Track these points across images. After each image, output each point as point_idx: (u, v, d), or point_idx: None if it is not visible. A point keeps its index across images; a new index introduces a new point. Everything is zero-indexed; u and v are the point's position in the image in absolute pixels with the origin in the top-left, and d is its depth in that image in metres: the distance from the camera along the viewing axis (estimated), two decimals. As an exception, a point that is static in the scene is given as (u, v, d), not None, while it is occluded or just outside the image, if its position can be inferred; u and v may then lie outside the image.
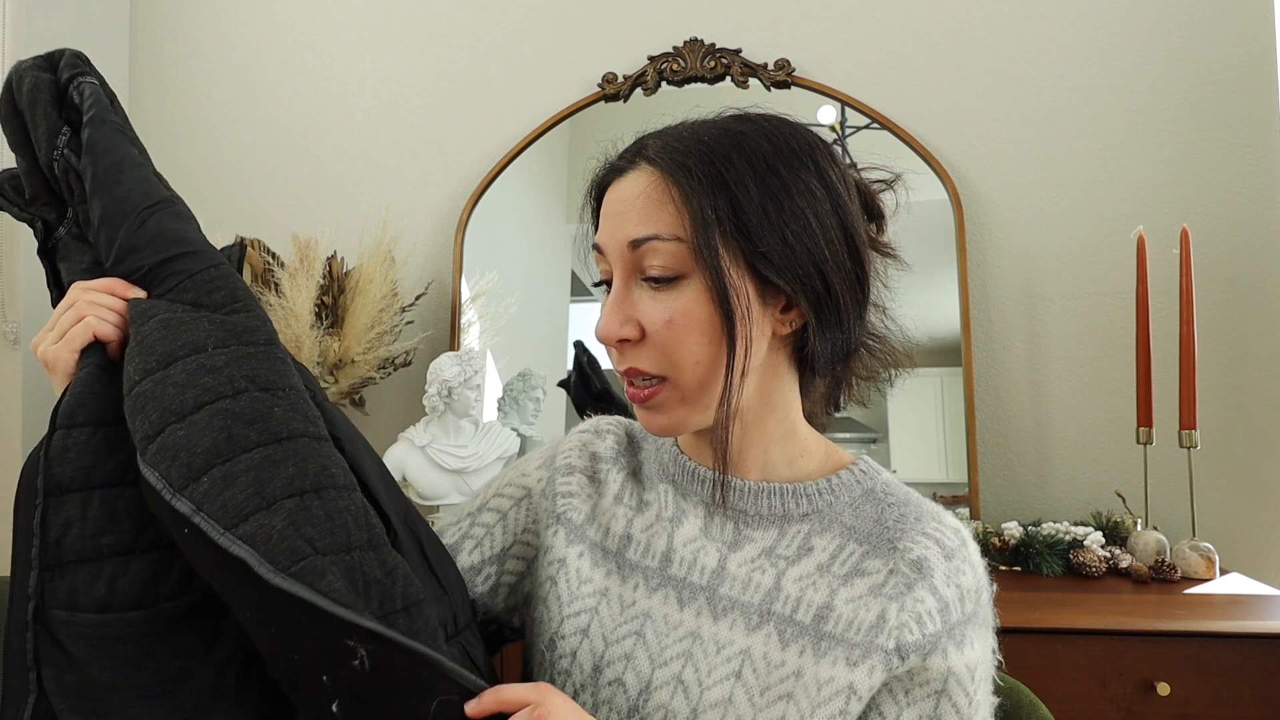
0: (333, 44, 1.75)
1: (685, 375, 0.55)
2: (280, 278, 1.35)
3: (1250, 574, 1.27)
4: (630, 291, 0.56)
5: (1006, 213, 1.48)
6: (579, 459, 0.68)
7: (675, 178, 0.53)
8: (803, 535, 0.58)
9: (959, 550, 0.56)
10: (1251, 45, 1.40)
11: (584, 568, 0.63)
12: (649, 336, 0.55)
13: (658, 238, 0.53)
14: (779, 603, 0.56)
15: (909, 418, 1.47)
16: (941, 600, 0.54)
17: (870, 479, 0.61)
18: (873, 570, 0.56)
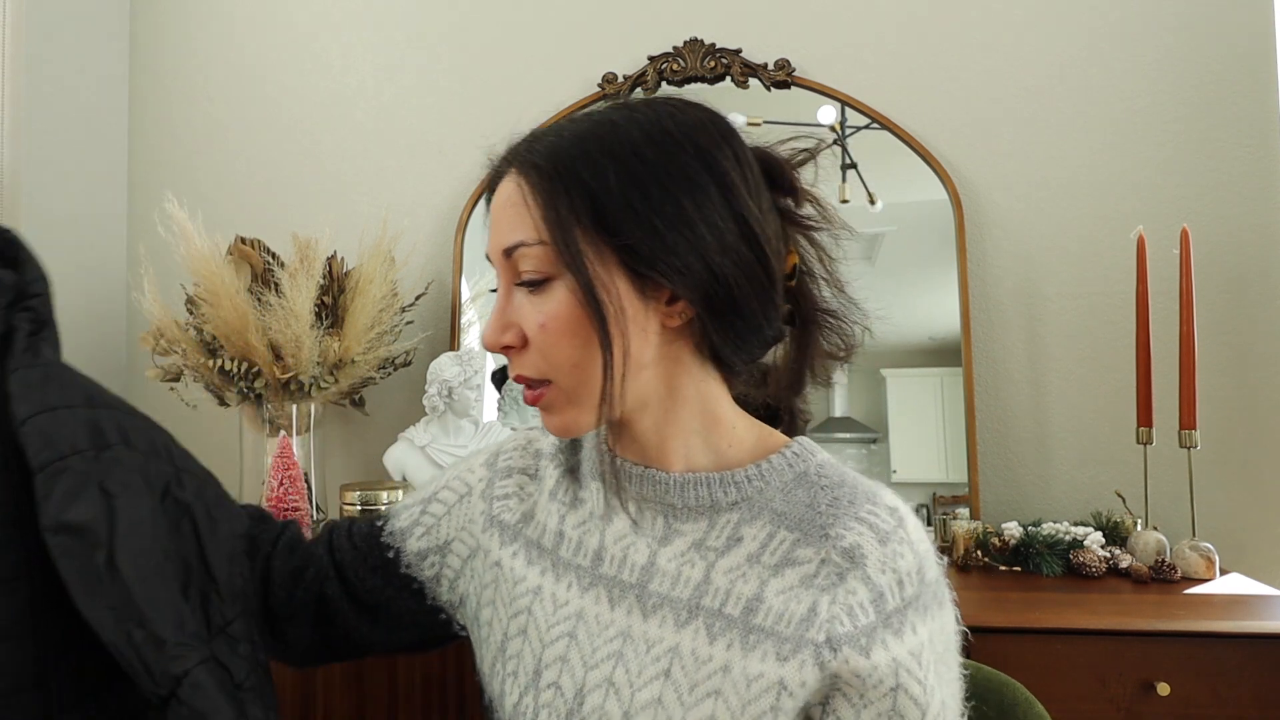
0: (333, 44, 1.75)
1: (566, 377, 0.54)
2: (280, 278, 1.35)
3: (1250, 574, 1.27)
4: (511, 299, 0.56)
5: (1006, 213, 1.48)
6: (520, 458, 0.68)
7: (529, 179, 0.53)
8: (732, 525, 0.56)
9: (894, 533, 0.54)
10: (1251, 45, 1.40)
11: (518, 567, 0.62)
12: (529, 342, 0.55)
13: (523, 244, 0.53)
14: (708, 596, 0.55)
15: (909, 418, 1.47)
16: (875, 590, 0.52)
17: (804, 461, 0.58)
18: (804, 560, 0.54)
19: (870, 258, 1.50)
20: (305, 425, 1.45)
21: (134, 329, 1.78)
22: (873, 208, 1.49)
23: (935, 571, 0.55)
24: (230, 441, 1.72)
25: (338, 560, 0.69)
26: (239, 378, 1.36)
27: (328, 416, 1.67)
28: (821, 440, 1.49)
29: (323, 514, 1.48)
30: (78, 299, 1.67)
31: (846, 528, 0.54)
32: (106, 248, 1.75)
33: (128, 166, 1.81)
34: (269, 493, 1.30)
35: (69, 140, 1.66)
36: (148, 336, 1.42)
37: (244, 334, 1.34)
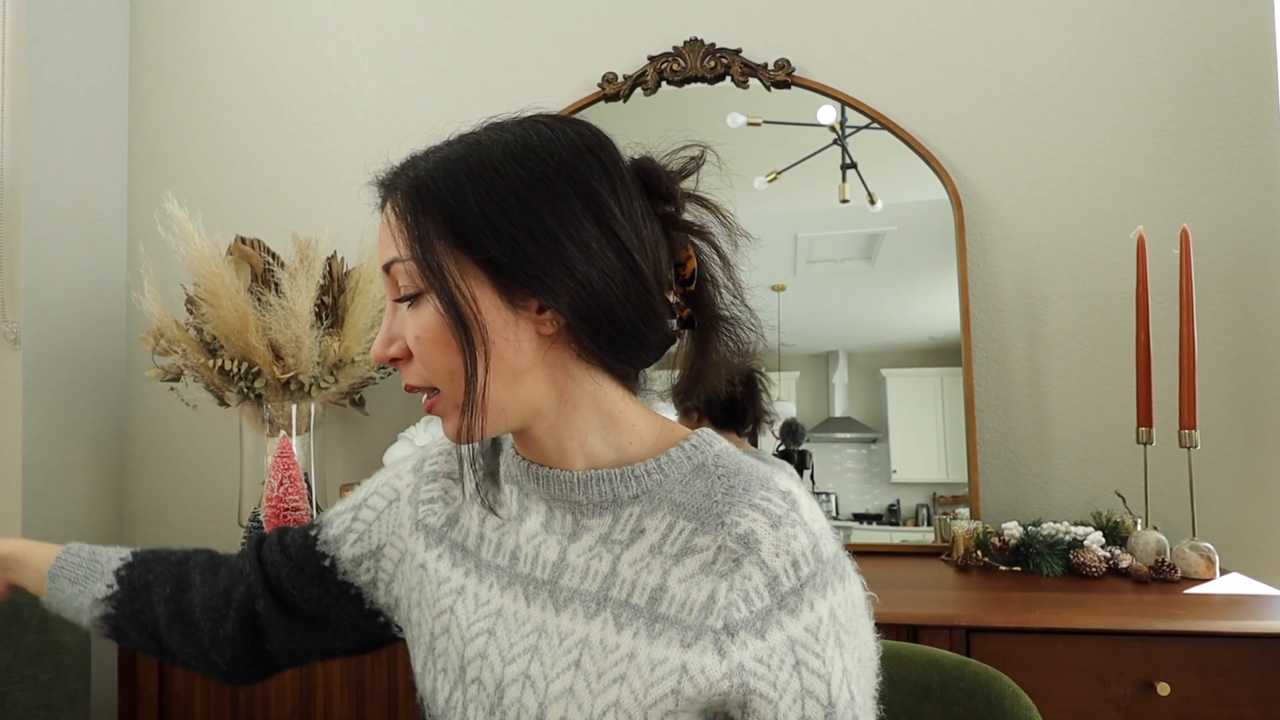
0: (333, 44, 1.75)
1: (447, 385, 0.57)
2: (280, 278, 1.35)
3: (1250, 574, 1.27)
4: (396, 313, 0.58)
5: (1006, 213, 1.48)
6: (445, 463, 0.69)
7: (396, 200, 0.57)
8: (634, 518, 0.59)
9: (787, 515, 0.56)
10: (1251, 45, 1.40)
11: (443, 569, 0.65)
12: (412, 353, 0.57)
13: (396, 260, 0.56)
14: (615, 588, 0.57)
15: (909, 418, 1.47)
16: (770, 573, 0.54)
17: (701, 453, 0.60)
18: (702, 547, 0.56)
19: (870, 258, 1.51)
20: (305, 425, 1.45)
21: (134, 329, 1.78)
22: (873, 208, 1.49)
23: (833, 548, 0.57)
24: (230, 441, 1.72)
25: (269, 574, 0.71)
26: (239, 378, 1.36)
27: (328, 416, 1.67)
28: (821, 440, 1.49)
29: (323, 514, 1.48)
30: (78, 299, 1.67)
31: (741, 514, 0.56)
32: (106, 248, 1.75)
33: (128, 166, 1.81)
34: (269, 493, 1.30)
35: (69, 140, 1.66)
36: (148, 336, 1.42)
37: (244, 334, 1.34)
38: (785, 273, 1.51)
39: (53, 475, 1.60)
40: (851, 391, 1.50)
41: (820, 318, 1.50)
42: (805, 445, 1.48)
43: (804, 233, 1.52)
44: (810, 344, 1.50)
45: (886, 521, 1.47)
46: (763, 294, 1.51)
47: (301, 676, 1.16)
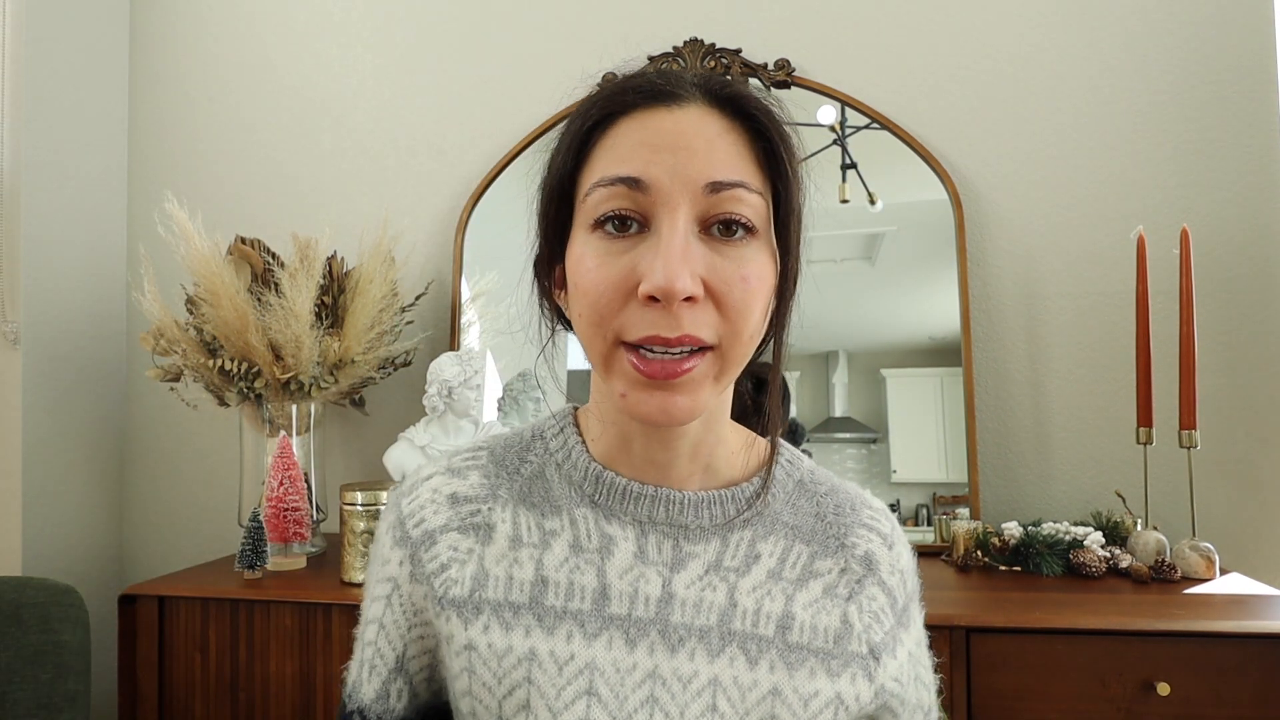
0: (333, 44, 1.75)
1: (738, 345, 0.48)
2: (280, 278, 1.35)
3: (1250, 574, 1.27)
4: (690, 244, 0.46)
5: (1006, 213, 1.48)
6: (437, 515, 0.56)
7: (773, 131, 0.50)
8: (747, 542, 0.55)
9: (893, 534, 0.58)
10: (1251, 45, 1.40)
11: (496, 640, 0.53)
12: (714, 296, 0.47)
13: (744, 186, 0.47)
14: (737, 619, 0.52)
15: (909, 418, 1.47)
16: (889, 592, 0.55)
17: (796, 469, 0.59)
18: (824, 570, 0.55)
19: (870, 258, 1.50)
20: (305, 425, 1.45)
21: (134, 329, 1.78)
22: (873, 208, 1.49)
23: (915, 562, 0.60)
24: (230, 441, 1.72)
25: None
26: (239, 378, 1.36)
27: (328, 416, 1.67)
28: (821, 440, 1.49)
29: (323, 514, 1.48)
30: (78, 299, 1.67)
31: (859, 535, 0.56)
32: (106, 248, 1.75)
33: (128, 166, 1.81)
34: (269, 493, 1.30)
35: (69, 140, 1.66)
36: (148, 336, 1.42)
37: (244, 334, 1.34)
38: (785, 273, 1.51)
39: (53, 475, 1.60)
40: (851, 392, 1.50)
41: (820, 318, 1.50)
42: (805, 445, 1.48)
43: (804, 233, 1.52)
44: (810, 344, 1.50)
45: (886, 521, 1.46)
46: (763, 294, 1.50)
47: (301, 677, 1.16)
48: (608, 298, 0.47)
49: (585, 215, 0.49)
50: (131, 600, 1.21)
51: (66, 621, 1.13)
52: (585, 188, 0.50)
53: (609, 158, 0.49)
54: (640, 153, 0.47)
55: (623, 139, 0.49)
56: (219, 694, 1.18)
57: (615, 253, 0.47)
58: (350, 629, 1.14)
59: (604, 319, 0.47)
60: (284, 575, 1.26)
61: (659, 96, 0.49)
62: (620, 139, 0.49)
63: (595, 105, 0.52)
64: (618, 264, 0.47)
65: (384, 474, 1.52)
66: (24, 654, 1.10)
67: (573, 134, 0.53)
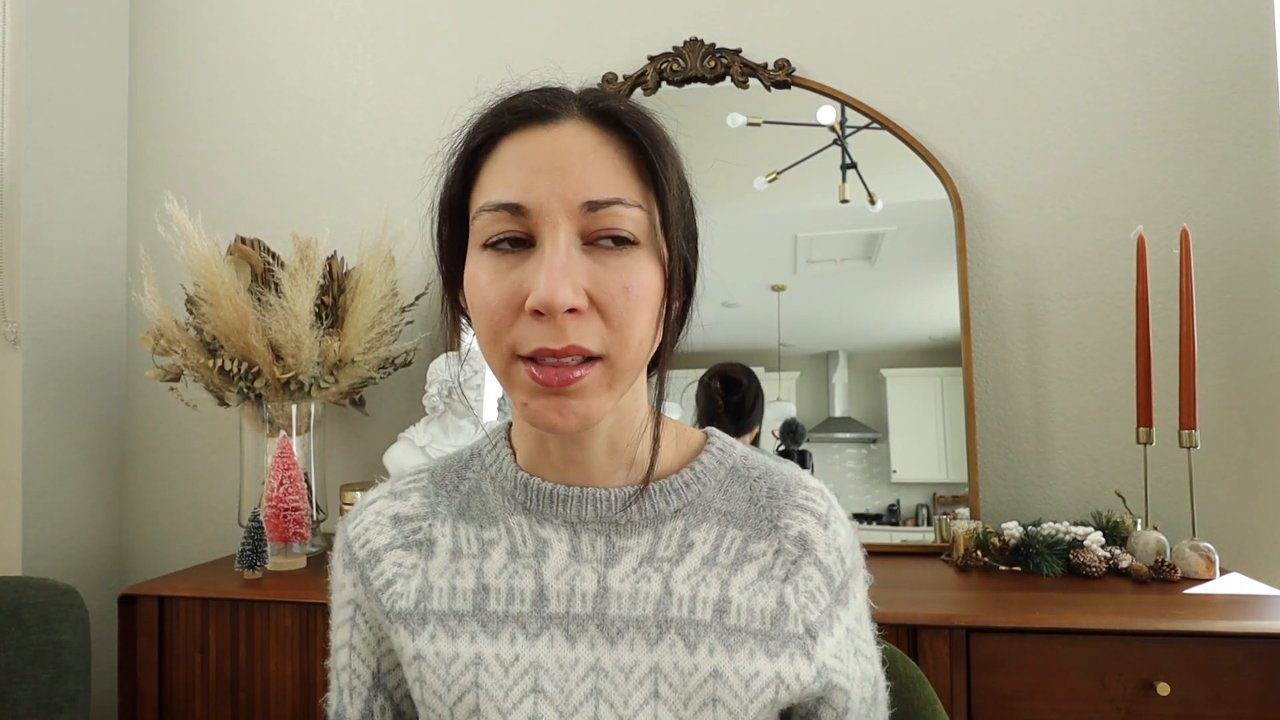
0: (333, 44, 1.75)
1: (627, 354, 0.49)
2: (280, 278, 1.35)
3: (1250, 574, 1.27)
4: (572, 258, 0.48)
5: (1006, 213, 1.48)
6: (381, 535, 0.59)
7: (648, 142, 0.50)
8: (679, 532, 0.56)
9: (830, 513, 0.58)
10: (1251, 45, 1.40)
11: (443, 649, 0.55)
12: (600, 307, 0.48)
13: (620, 202, 0.49)
14: (674, 607, 0.53)
15: (909, 418, 1.47)
16: (826, 571, 0.56)
17: (729, 455, 0.59)
18: (758, 553, 0.56)
19: (870, 258, 1.50)
20: (305, 425, 1.45)
21: (134, 329, 1.78)
22: (873, 208, 1.49)
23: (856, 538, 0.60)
24: (230, 441, 1.72)
25: None
26: (239, 378, 1.36)
27: (328, 416, 1.67)
28: (822, 440, 1.49)
29: (323, 514, 1.48)
30: (78, 299, 1.67)
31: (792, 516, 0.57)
32: (106, 248, 1.75)
33: (128, 166, 1.82)
34: (269, 493, 1.30)
35: (69, 140, 1.66)
36: (148, 336, 1.42)
37: (244, 334, 1.34)
38: (785, 273, 1.51)
39: (53, 475, 1.61)
40: (851, 391, 1.50)
41: (820, 318, 1.50)
42: (805, 445, 1.48)
43: (804, 233, 1.52)
44: (810, 344, 1.50)
45: (886, 521, 1.47)
46: (763, 294, 1.51)
47: (301, 676, 1.16)
48: (500, 314, 0.49)
49: (475, 236, 0.51)
50: (131, 600, 1.21)
51: (66, 621, 1.13)
52: (474, 210, 0.52)
53: (492, 181, 0.51)
54: (519, 176, 0.49)
55: (503, 161, 0.51)
56: (219, 694, 1.18)
57: (504, 270, 0.49)
58: (350, 629, 1.14)
59: (498, 334, 0.49)
60: (284, 575, 1.26)
61: (536, 116, 0.51)
62: (501, 161, 0.51)
63: (480, 128, 0.53)
64: (507, 281, 0.49)
65: (384, 474, 1.52)
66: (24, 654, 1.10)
67: (459, 156, 0.54)
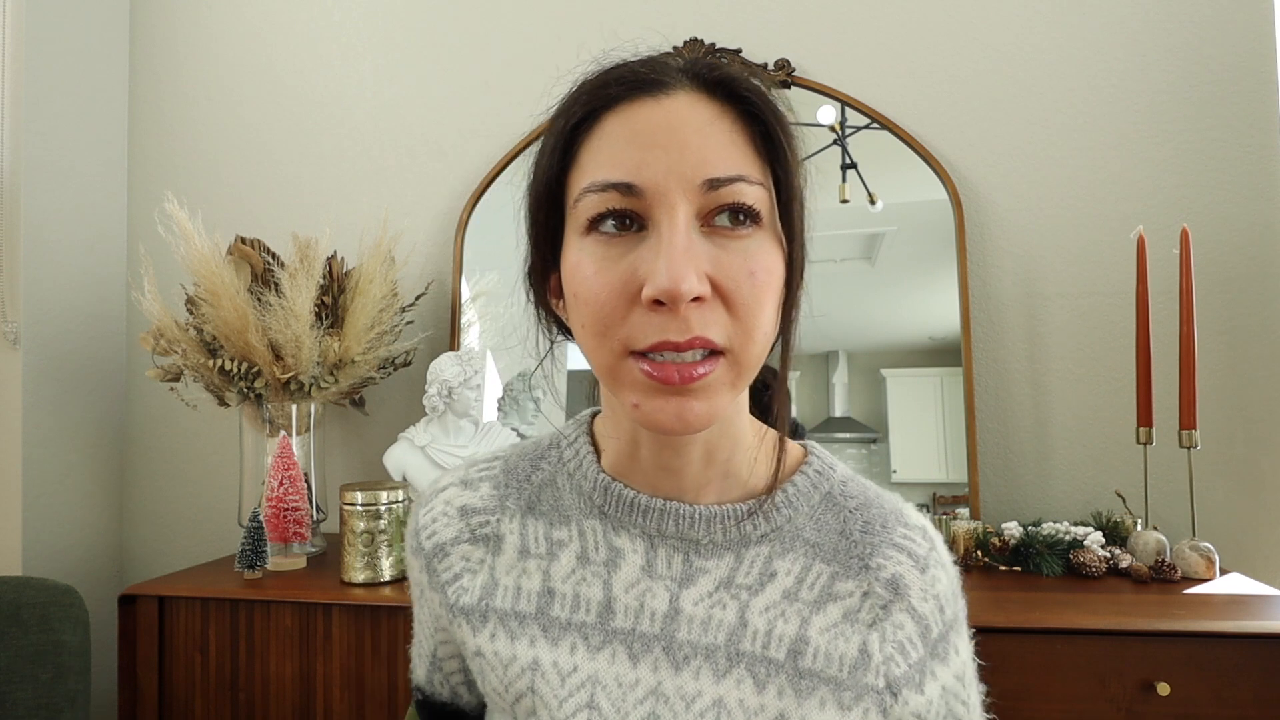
0: (333, 44, 1.75)
1: (753, 347, 0.45)
2: (280, 278, 1.35)
3: (1250, 574, 1.27)
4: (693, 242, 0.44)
5: (1006, 213, 1.48)
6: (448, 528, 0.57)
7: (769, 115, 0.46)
8: (763, 559, 0.52)
9: (930, 556, 0.53)
10: (1251, 45, 1.40)
11: (501, 648, 0.53)
12: (724, 295, 0.44)
13: (744, 179, 0.44)
14: (747, 639, 0.50)
15: (909, 418, 1.47)
16: (921, 621, 0.51)
17: (826, 479, 0.55)
18: (844, 593, 0.51)
19: (870, 258, 1.50)
20: (305, 425, 1.45)
21: (134, 329, 1.78)
22: (873, 208, 1.49)
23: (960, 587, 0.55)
24: (230, 441, 1.73)
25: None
26: (239, 378, 1.36)
27: (328, 416, 1.67)
28: (821, 440, 1.49)
29: (323, 514, 1.48)
30: (78, 299, 1.67)
31: (886, 556, 0.51)
32: (106, 248, 1.75)
33: (128, 166, 1.82)
34: (269, 493, 1.30)
35: (69, 140, 1.66)
36: (148, 336, 1.42)
37: (244, 334, 1.34)
38: (785, 273, 1.51)
39: (53, 475, 1.61)
40: (851, 391, 1.50)
41: (820, 318, 1.50)
42: (805, 445, 1.48)
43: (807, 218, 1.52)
44: (810, 344, 1.50)
45: (886, 521, 1.46)
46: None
47: (301, 676, 1.16)
48: (610, 305, 0.44)
49: (577, 220, 0.47)
50: (131, 600, 1.21)
51: (66, 621, 1.13)
52: (575, 192, 0.47)
53: (597, 159, 0.46)
54: (629, 153, 0.44)
55: (609, 138, 0.46)
56: (219, 694, 1.18)
57: (614, 257, 0.45)
58: (349, 629, 1.15)
59: (608, 328, 0.45)
60: (284, 575, 1.26)
61: (644, 86, 0.46)
62: (607, 138, 0.46)
63: (578, 102, 0.48)
64: (617, 268, 0.44)
65: (384, 474, 1.52)
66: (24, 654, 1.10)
67: (556, 135, 0.49)
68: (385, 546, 1.21)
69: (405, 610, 1.13)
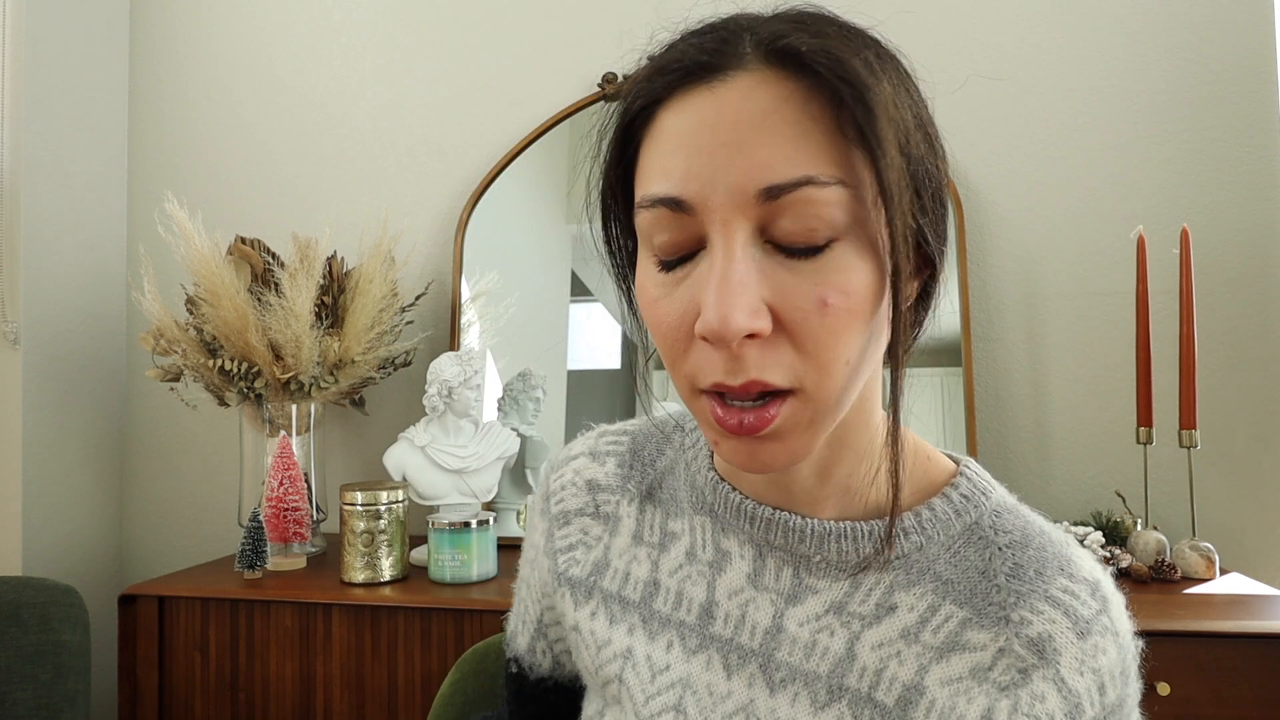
0: (333, 44, 1.75)
1: (830, 383, 0.39)
2: (280, 278, 1.35)
3: (1250, 574, 1.27)
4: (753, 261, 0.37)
5: (1006, 213, 1.48)
6: (575, 498, 0.56)
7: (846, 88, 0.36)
8: (883, 588, 0.45)
9: (1097, 620, 0.43)
10: (1251, 45, 1.40)
11: (599, 629, 0.52)
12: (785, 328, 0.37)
13: (811, 182, 0.36)
14: (853, 675, 0.44)
15: (909, 418, 1.46)
16: (1071, 697, 0.41)
17: (975, 507, 0.46)
18: (977, 645, 0.43)
19: (870, 258, 1.50)
20: (305, 425, 1.45)
21: (134, 329, 1.78)
22: (873, 208, 1.49)
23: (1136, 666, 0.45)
24: (230, 441, 1.73)
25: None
26: (239, 378, 1.36)
27: (328, 416, 1.67)
28: (821, 440, 1.49)
29: (323, 514, 1.48)
30: (78, 299, 1.67)
31: (1035, 610, 0.43)
32: (106, 248, 1.75)
33: (128, 166, 1.82)
34: (269, 493, 1.30)
35: (69, 140, 1.66)
36: (148, 336, 1.42)
37: (244, 334, 1.34)
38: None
39: (53, 475, 1.61)
40: (851, 391, 1.50)
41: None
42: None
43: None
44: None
45: (886, 521, 1.46)
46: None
47: (301, 676, 1.16)
48: (672, 339, 0.40)
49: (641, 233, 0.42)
50: (131, 600, 1.21)
51: (66, 621, 1.13)
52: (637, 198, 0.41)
53: (650, 165, 0.40)
54: (678, 159, 0.38)
55: (663, 137, 0.40)
56: (219, 694, 1.18)
57: (673, 282, 0.40)
58: (349, 629, 1.15)
59: (674, 364, 0.41)
60: (284, 575, 1.26)
61: (696, 73, 0.39)
62: (661, 137, 0.40)
63: (635, 94, 0.42)
64: (676, 296, 0.40)
65: (384, 474, 1.52)
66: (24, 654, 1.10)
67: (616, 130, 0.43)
68: (385, 546, 1.21)
69: (405, 610, 1.13)
